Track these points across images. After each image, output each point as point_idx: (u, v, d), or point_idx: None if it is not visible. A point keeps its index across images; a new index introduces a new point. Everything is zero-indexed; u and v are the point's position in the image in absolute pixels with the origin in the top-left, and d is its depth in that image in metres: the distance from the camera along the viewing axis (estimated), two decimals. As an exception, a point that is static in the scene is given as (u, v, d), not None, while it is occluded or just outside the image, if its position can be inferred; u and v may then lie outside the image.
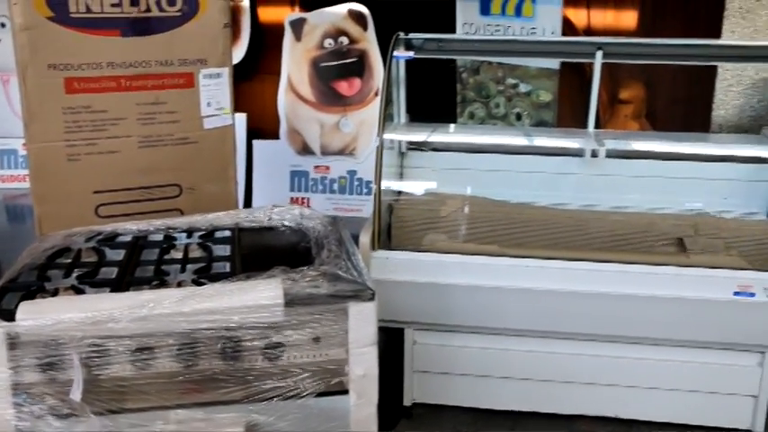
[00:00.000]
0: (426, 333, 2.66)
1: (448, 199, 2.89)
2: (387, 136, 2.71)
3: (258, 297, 1.64)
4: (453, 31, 3.86)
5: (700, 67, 3.67)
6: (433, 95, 3.97)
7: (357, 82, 3.92)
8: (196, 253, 2.03)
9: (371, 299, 1.72)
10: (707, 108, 3.65)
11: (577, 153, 2.92)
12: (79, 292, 1.74)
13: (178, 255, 2.01)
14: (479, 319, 2.58)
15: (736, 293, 2.42)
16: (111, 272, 1.86)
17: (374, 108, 3.81)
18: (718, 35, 3.50)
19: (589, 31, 4.21)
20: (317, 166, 3.99)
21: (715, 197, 2.96)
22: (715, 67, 3.56)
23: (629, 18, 4.28)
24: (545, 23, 3.78)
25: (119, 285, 1.75)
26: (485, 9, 3.84)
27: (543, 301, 2.50)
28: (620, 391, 2.65)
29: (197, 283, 1.76)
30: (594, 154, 2.79)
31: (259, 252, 2.04)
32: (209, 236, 2.12)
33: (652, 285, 2.46)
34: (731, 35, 3.47)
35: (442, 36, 2.98)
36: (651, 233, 2.76)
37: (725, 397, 2.60)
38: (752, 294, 2.41)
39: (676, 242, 2.74)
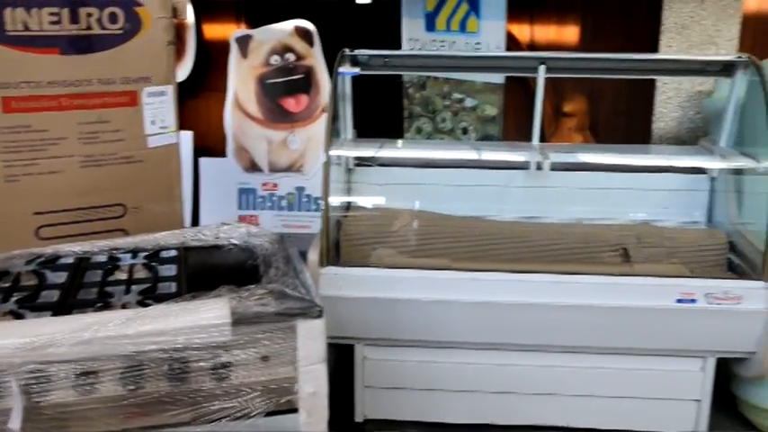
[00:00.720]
0: (377, 348, 2.66)
1: (396, 214, 2.90)
2: (334, 152, 2.71)
3: (205, 317, 1.62)
4: (399, 47, 3.89)
5: (640, 81, 3.76)
6: (380, 111, 3.99)
7: (304, 98, 3.92)
8: (141, 274, 1.99)
9: (319, 316, 1.71)
10: (647, 120, 3.74)
11: (523, 166, 2.96)
12: (18, 316, 1.69)
13: (122, 276, 1.98)
14: (429, 334, 2.59)
15: (679, 301, 2.48)
16: (53, 295, 1.81)
17: (322, 124, 3.81)
18: (655, 50, 3.60)
19: (533, 45, 4.28)
20: (264, 184, 3.97)
21: (657, 207, 3.03)
22: (654, 81, 3.66)
23: (571, 33, 4.36)
24: (489, 39, 3.83)
25: (61, 309, 1.71)
26: (430, 25, 3.88)
27: (492, 314, 2.52)
28: (569, 400, 2.68)
29: (142, 304, 1.73)
30: (539, 167, 2.82)
31: (206, 271, 2.01)
32: (154, 256, 2.09)
33: (598, 295, 2.50)
34: (668, 49, 3.57)
35: (388, 52, 3.00)
36: (596, 244, 2.81)
37: (669, 402, 2.65)
38: (693, 301, 2.47)
39: (621, 252, 2.79)
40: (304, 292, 1.75)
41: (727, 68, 2.92)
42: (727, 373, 2.77)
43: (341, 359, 2.75)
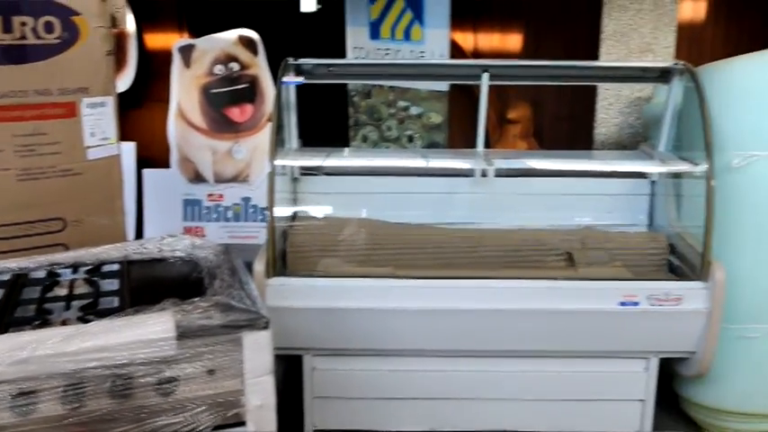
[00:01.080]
0: (325, 359, 2.65)
1: (343, 223, 2.89)
2: (279, 162, 2.70)
3: (148, 331, 1.59)
4: (344, 55, 3.89)
5: (581, 87, 3.83)
6: (326, 119, 3.98)
7: (249, 108, 3.89)
8: (82, 289, 1.95)
9: (266, 327, 1.69)
10: (589, 126, 3.81)
11: (468, 173, 2.98)
12: (-47, 336, 1.64)
13: (62, 291, 1.92)
14: (377, 342, 2.58)
15: (622, 303, 2.52)
16: (-11, 313, 1.76)
17: (267, 134, 3.77)
18: (596, 57, 3.67)
19: (476, 53, 4.34)
20: (210, 195, 3.93)
21: (600, 211, 3.08)
22: (595, 87, 3.73)
23: (514, 41, 4.43)
24: (433, 47, 3.86)
25: (-3, 327, 1.66)
26: (374, 33, 3.89)
27: (440, 321, 2.53)
28: (517, 404, 2.70)
29: (83, 320, 1.69)
30: (484, 173, 2.85)
31: (149, 285, 1.98)
32: (95, 270, 2.05)
33: (544, 299, 2.52)
34: (608, 57, 3.64)
35: (332, 61, 2.99)
36: (541, 249, 2.84)
37: (615, 403, 2.70)
38: (636, 303, 2.51)
39: (566, 256, 2.83)
40: (250, 304, 1.74)
41: (664, 75, 2.99)
42: (669, 373, 2.83)
43: (289, 370, 2.73)
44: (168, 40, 4.03)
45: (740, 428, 2.78)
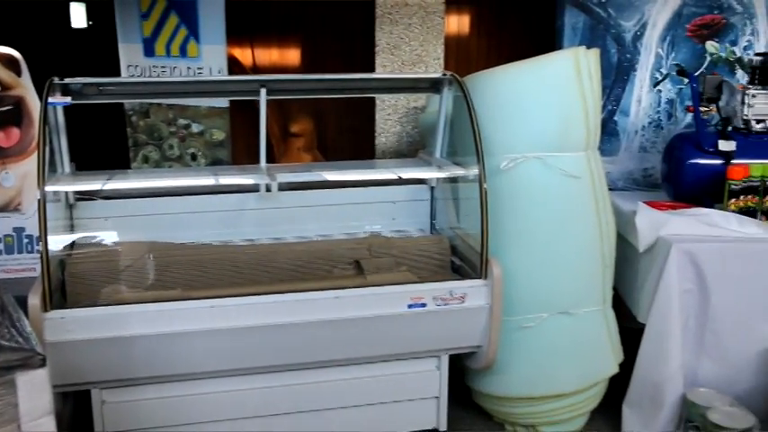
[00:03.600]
0: (115, 391, 2.53)
1: (126, 247, 2.78)
2: (51, 188, 2.54)
3: None
4: (119, 73, 3.74)
5: (361, 99, 3.94)
6: (104, 141, 3.82)
7: (15, 132, 3.63)
8: None
9: (42, 365, 1.60)
10: (370, 136, 3.93)
11: (253, 189, 2.97)
12: None
13: None
14: (169, 368, 2.50)
15: (410, 306, 2.62)
16: None
17: (38, 158, 3.56)
18: (372, 69, 3.80)
19: (256, 68, 4.34)
20: (-24, 227, 3.62)
21: (385, 218, 3.20)
22: (374, 99, 3.86)
23: (293, 55, 4.49)
24: (211, 63, 3.81)
25: None
26: (149, 50, 3.78)
27: (232, 340, 2.50)
28: (317, 414, 2.72)
29: None
30: (268, 188, 2.85)
31: None
32: None
33: (335, 309, 2.56)
34: (383, 69, 3.78)
35: (102, 80, 2.85)
36: (330, 259, 2.90)
37: (411, 403, 2.80)
38: (423, 305, 2.62)
39: (354, 265, 2.90)
40: (22, 342, 1.63)
41: (435, 85, 3.15)
42: (460, 368, 2.98)
43: (79, 406, 2.58)
44: None
45: (526, 412, 2.98)
